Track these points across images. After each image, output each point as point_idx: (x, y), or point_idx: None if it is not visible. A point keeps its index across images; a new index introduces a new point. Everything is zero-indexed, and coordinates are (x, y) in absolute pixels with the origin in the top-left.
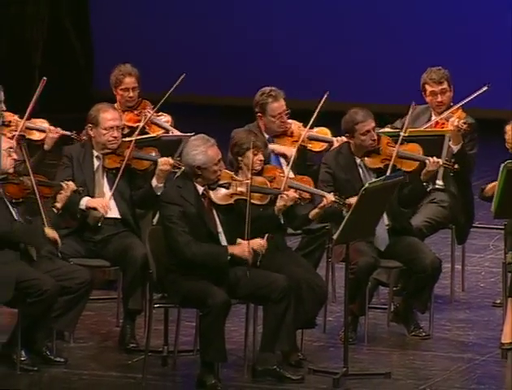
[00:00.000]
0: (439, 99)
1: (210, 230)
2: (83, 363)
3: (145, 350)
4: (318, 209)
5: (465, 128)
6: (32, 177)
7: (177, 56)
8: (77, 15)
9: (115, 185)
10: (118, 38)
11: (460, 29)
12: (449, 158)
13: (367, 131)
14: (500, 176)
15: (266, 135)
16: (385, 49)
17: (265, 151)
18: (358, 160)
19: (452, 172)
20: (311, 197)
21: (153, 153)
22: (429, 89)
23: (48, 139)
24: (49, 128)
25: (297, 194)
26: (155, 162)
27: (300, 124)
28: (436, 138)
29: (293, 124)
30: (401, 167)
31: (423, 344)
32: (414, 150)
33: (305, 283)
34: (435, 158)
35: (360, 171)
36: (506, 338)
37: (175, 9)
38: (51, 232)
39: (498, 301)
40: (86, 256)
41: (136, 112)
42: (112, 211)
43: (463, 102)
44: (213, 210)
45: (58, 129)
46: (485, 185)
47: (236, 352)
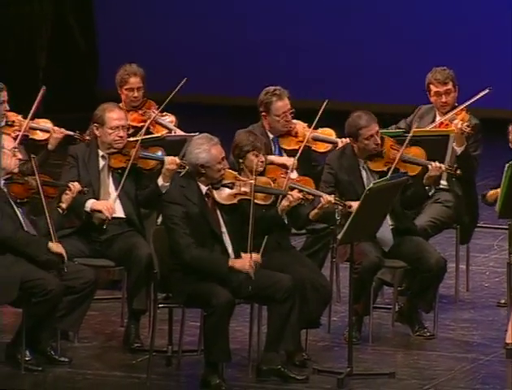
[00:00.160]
0: (443, 100)
1: (214, 230)
2: (87, 363)
3: (150, 350)
4: (317, 209)
5: (468, 131)
6: (37, 177)
7: (182, 56)
8: (82, 15)
9: (121, 185)
10: (123, 38)
11: (463, 29)
12: (453, 161)
13: (371, 135)
14: (504, 176)
15: (270, 134)
16: (389, 49)
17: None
18: (362, 162)
19: (454, 177)
20: (314, 198)
21: (159, 152)
22: (434, 90)
23: (52, 139)
24: (52, 128)
25: (301, 195)
26: (162, 162)
27: (305, 125)
28: (441, 138)
29: (298, 125)
30: (407, 172)
31: (428, 344)
32: (418, 154)
33: (309, 283)
34: (437, 163)
35: (363, 174)
36: (511, 338)
37: (179, 9)
38: (55, 247)
39: (503, 301)
40: (91, 256)
41: (140, 112)
42: (117, 211)
43: (466, 104)
44: (216, 210)
45: (61, 129)
46: (487, 191)
47: (241, 352)
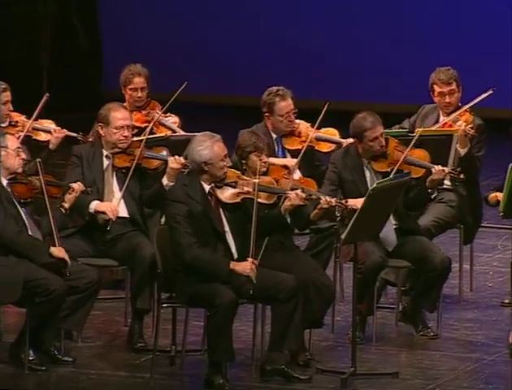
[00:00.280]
0: (447, 100)
1: (217, 229)
2: (91, 363)
3: (153, 350)
4: (317, 210)
5: (472, 134)
6: (41, 177)
7: (186, 56)
8: (86, 15)
9: (126, 185)
10: (126, 38)
11: (463, 29)
12: (456, 162)
13: (375, 137)
14: (508, 176)
15: (274, 134)
16: (393, 49)
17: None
18: (365, 162)
19: (457, 181)
20: (318, 199)
21: (163, 152)
22: (437, 90)
23: (53, 138)
24: (55, 129)
25: (304, 194)
26: (166, 162)
27: (308, 125)
28: (444, 138)
29: (301, 125)
30: (409, 172)
31: (431, 344)
32: (422, 157)
33: (312, 282)
34: (440, 167)
35: (367, 173)
36: None
37: (182, 9)
38: (57, 251)
39: (506, 301)
40: (94, 255)
41: (144, 112)
42: (121, 210)
43: (469, 105)
44: (219, 209)
45: (64, 130)
46: (489, 193)
47: (244, 351)
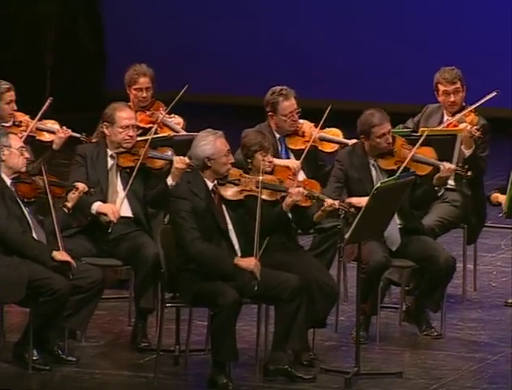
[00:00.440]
0: (451, 99)
1: (220, 226)
2: (95, 362)
3: (157, 349)
4: (321, 211)
5: (478, 135)
6: (45, 177)
7: (189, 56)
8: (90, 15)
9: (130, 184)
10: (130, 38)
11: (463, 29)
12: (460, 162)
13: (383, 134)
14: (511, 178)
15: (277, 134)
16: (393, 49)
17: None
18: (372, 160)
19: (465, 179)
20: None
21: (168, 152)
22: (442, 89)
23: (57, 138)
24: (58, 130)
25: (306, 191)
26: (171, 162)
27: (312, 125)
28: (449, 138)
29: (305, 124)
30: (415, 171)
31: (435, 344)
32: (429, 154)
33: (315, 282)
34: (449, 164)
35: (373, 172)
36: None
37: (186, 9)
38: (60, 255)
39: (510, 301)
40: (98, 255)
41: (148, 113)
42: (125, 210)
43: (474, 106)
44: (222, 206)
45: (68, 130)
46: (491, 192)
47: (248, 351)
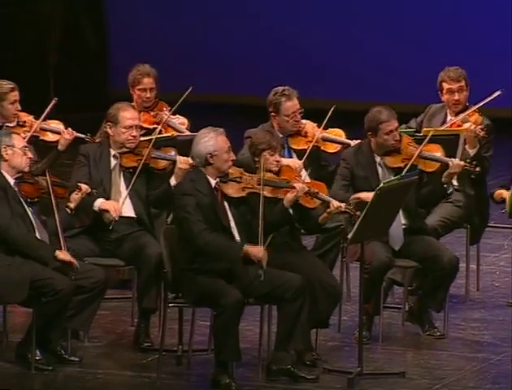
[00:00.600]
0: (456, 97)
1: (223, 223)
2: (97, 362)
3: (160, 349)
4: (326, 213)
5: (482, 135)
6: (48, 177)
7: (192, 56)
8: (94, 15)
9: (132, 184)
10: (134, 38)
11: (463, 29)
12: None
13: (391, 131)
14: None
15: (280, 134)
16: (393, 49)
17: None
18: (378, 158)
19: (473, 175)
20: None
21: (172, 152)
22: (446, 87)
23: (62, 140)
24: (63, 131)
25: (306, 187)
26: (174, 162)
27: (314, 125)
28: (452, 138)
29: (308, 124)
30: (423, 168)
31: (438, 344)
32: (436, 151)
33: (318, 282)
34: (457, 160)
35: (379, 170)
36: None
37: (190, 9)
38: (62, 255)
39: None
40: (101, 255)
41: (152, 113)
42: (128, 210)
43: (478, 106)
44: (225, 204)
45: (72, 131)
46: (494, 190)
47: (251, 351)
